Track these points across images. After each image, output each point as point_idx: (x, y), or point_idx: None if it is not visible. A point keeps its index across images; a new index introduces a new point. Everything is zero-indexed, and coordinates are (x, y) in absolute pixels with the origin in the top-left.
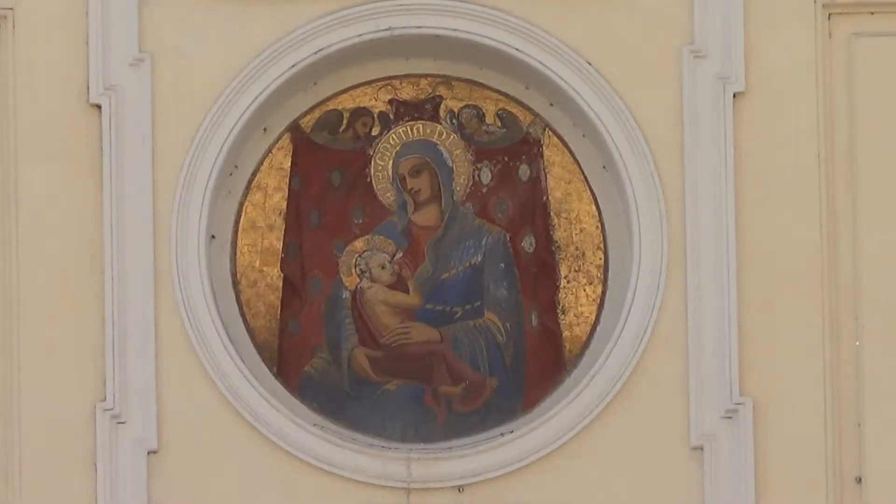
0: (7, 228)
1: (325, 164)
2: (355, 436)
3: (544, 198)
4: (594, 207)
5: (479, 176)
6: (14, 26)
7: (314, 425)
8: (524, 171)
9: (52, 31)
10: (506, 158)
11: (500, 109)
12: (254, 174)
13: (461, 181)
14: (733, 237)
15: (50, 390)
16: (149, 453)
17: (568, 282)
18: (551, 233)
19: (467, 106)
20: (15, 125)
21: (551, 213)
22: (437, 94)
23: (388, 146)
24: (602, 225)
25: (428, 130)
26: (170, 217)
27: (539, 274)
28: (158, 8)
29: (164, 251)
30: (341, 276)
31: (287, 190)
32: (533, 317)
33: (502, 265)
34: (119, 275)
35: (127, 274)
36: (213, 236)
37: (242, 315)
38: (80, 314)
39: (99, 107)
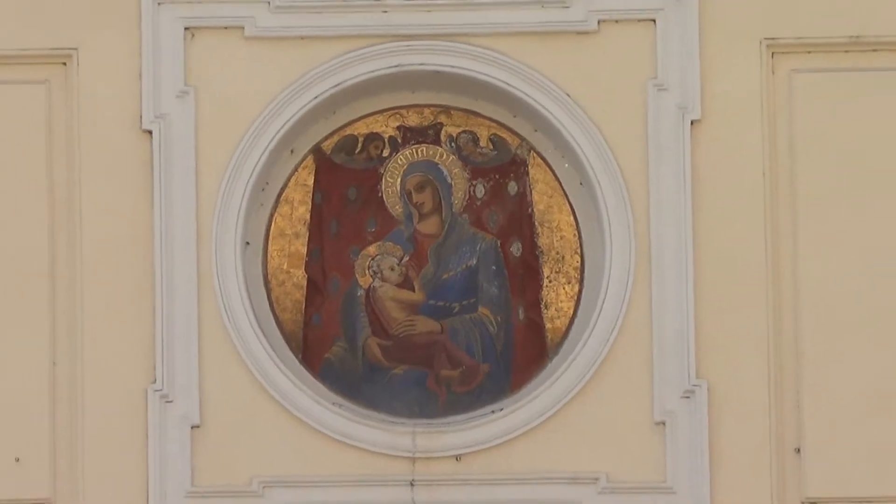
0: (73, 237)
1: (342, 181)
2: (368, 413)
3: (529, 210)
4: (572, 218)
5: (473, 191)
6: (78, 64)
7: (333, 404)
8: (512, 187)
9: (109, 67)
10: (497, 176)
11: (491, 134)
12: (282, 190)
13: (459, 195)
14: (691, 244)
15: (109, 375)
16: (192, 428)
17: (549, 281)
18: (535, 240)
19: (464, 131)
20: (79, 148)
21: (535, 223)
22: (439, 121)
23: (397, 166)
24: (579, 233)
25: (430, 152)
26: (210, 226)
27: (525, 275)
28: (200, 48)
29: (205, 255)
30: (356, 276)
31: (310, 203)
32: (520, 311)
33: (494, 267)
34: (167, 275)
35: (174, 275)
36: (247, 243)
37: (272, 310)
38: (135, 310)
39: (150, 133)
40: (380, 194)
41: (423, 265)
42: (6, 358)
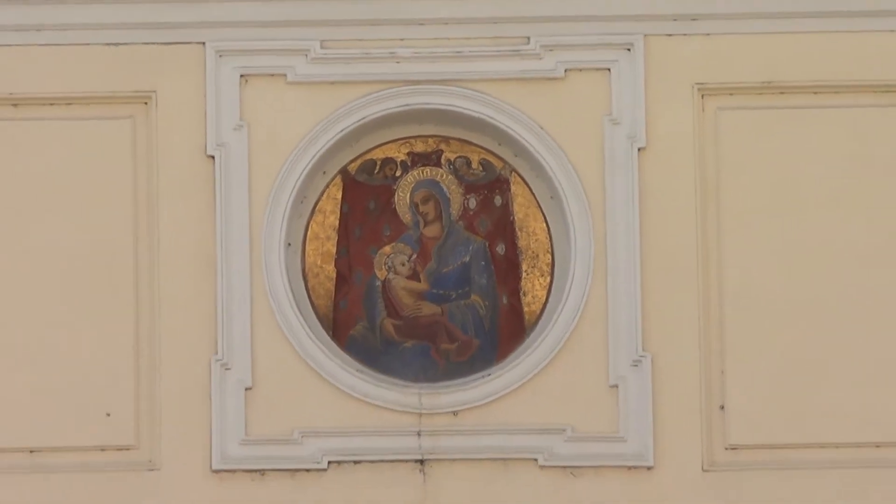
0: (153, 239)
1: (364, 196)
2: (384, 378)
3: (511, 218)
4: (544, 224)
5: (467, 203)
6: (157, 103)
7: (356, 370)
8: (498, 200)
9: (181, 106)
10: (485, 191)
11: (481, 159)
12: (316, 202)
13: (455, 207)
14: (638, 245)
15: (181, 348)
16: (245, 389)
17: (527, 274)
18: (516, 241)
19: (459, 156)
20: (157, 170)
21: (516, 229)
22: (440, 148)
23: (406, 183)
24: (550, 236)
25: (433, 173)
26: (260, 231)
27: (507, 269)
28: (252, 90)
29: (256, 254)
30: (375, 270)
31: (339, 213)
32: (504, 298)
33: (483, 263)
34: (226, 270)
35: (231, 269)
36: (289, 244)
37: (308, 297)
38: (202, 297)
39: (213, 157)
40: (393, 206)
41: (428, 261)
42: (103, 337)
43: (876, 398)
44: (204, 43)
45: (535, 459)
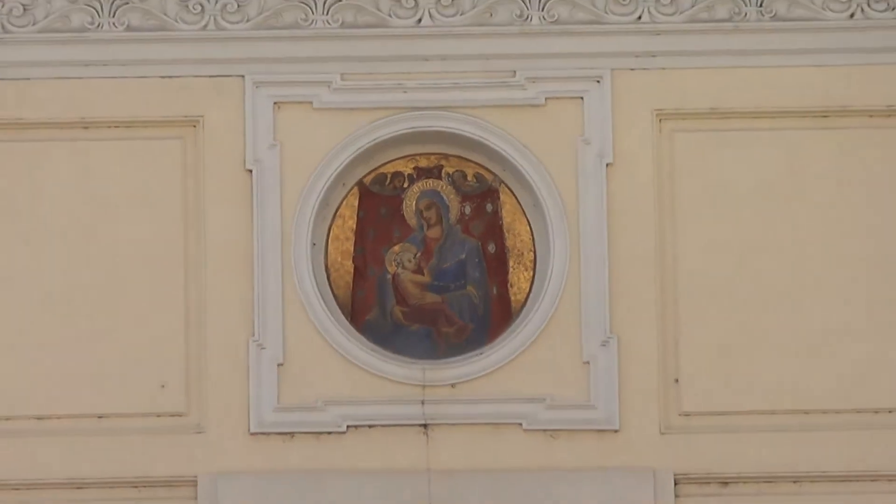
0: (200, 239)
1: (377, 204)
2: (394, 356)
3: (500, 222)
4: (528, 227)
5: (463, 210)
6: (203, 125)
7: (371, 349)
8: (489, 207)
9: (224, 128)
10: (479, 200)
11: (475, 172)
12: (337, 209)
13: (453, 213)
14: (606, 244)
15: (224, 331)
16: (278, 365)
17: (513, 269)
18: (504, 242)
19: (457, 170)
20: (204, 181)
21: (504, 231)
22: (440, 164)
23: (412, 193)
24: (532, 237)
25: (435, 184)
26: (290, 233)
27: (497, 265)
28: (284, 115)
29: (287, 252)
30: (386, 266)
31: (356, 218)
32: (494, 289)
33: (476, 260)
34: (261, 265)
35: (266, 265)
36: (314, 244)
37: (331, 288)
38: (241, 288)
39: (251, 171)
40: (401, 212)
41: (430, 259)
42: (159, 321)
43: (804, 372)
44: (243, 76)
45: (520, 424)
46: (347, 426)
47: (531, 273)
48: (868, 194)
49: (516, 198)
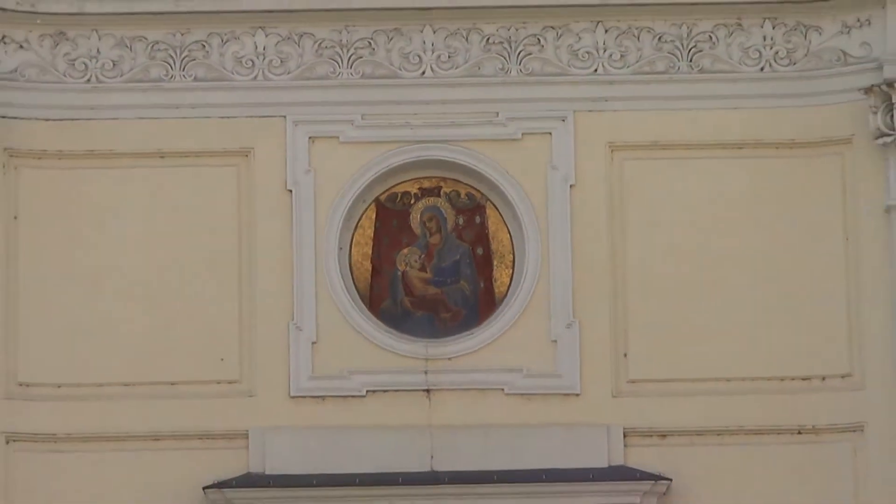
0: (252, 245)
1: (390, 216)
2: (404, 335)
3: (486, 231)
4: (508, 235)
5: (458, 221)
6: (254, 155)
7: (385, 331)
8: (478, 219)
9: (270, 156)
10: (470, 214)
11: (467, 192)
12: (359, 220)
13: (450, 223)
14: (570, 249)
15: (271, 316)
16: (312, 343)
17: (497, 268)
18: (490, 246)
19: (453, 190)
20: (254, 199)
21: (489, 238)
22: (440, 185)
23: (418, 208)
24: (512, 243)
25: (435, 201)
26: (322, 239)
27: (484, 264)
28: (317, 147)
29: (320, 254)
30: (397, 265)
31: (373, 228)
32: (482, 283)
33: (468, 261)
34: (299, 265)
35: (303, 264)
36: (340, 248)
37: (353, 282)
38: (283, 283)
39: (291, 191)
40: (409, 223)
41: (432, 259)
42: (220, 310)
43: (725, 349)
44: (285, 116)
45: (502, 389)
46: (367, 391)
47: (511, 271)
48: (774, 208)
49: (499, 212)
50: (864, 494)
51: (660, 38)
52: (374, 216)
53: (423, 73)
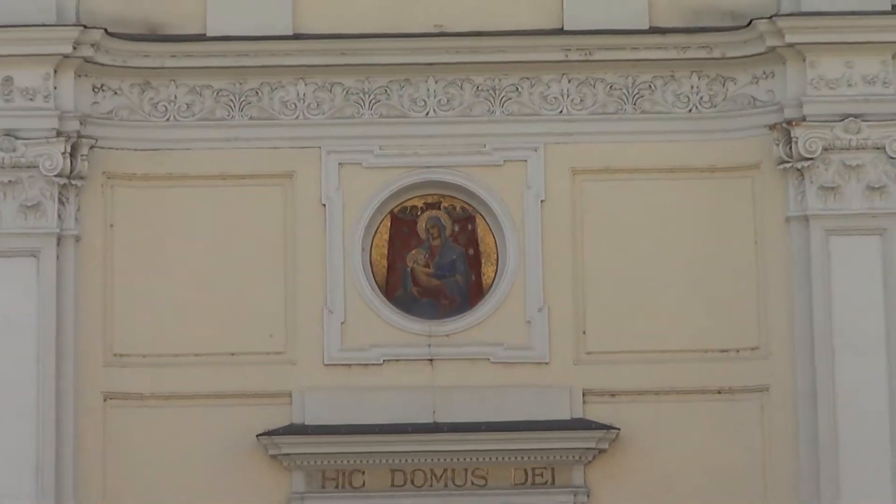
0: (295, 248)
1: (402, 225)
2: (412, 317)
3: (476, 236)
4: (493, 240)
5: (454, 229)
6: (296, 177)
7: (397, 313)
8: (470, 227)
9: (308, 178)
10: (464, 223)
11: (461, 206)
12: (377, 228)
13: (448, 230)
14: (541, 250)
15: (309, 303)
16: (341, 323)
17: (484, 265)
18: (479, 248)
19: (451, 204)
20: (296, 213)
21: (479, 242)
22: (440, 200)
23: (423, 218)
24: (496, 246)
25: (437, 213)
26: (349, 242)
27: (475, 262)
28: (344, 170)
29: (347, 254)
30: (407, 262)
31: (389, 233)
32: (473, 277)
33: (462, 259)
34: (331, 262)
35: (333, 261)
36: (363, 249)
37: (373, 276)
38: (318, 276)
39: (325, 205)
40: (416, 230)
41: (434, 258)
42: (270, 299)
43: (664, 328)
44: (320, 147)
45: (489, 359)
46: (383, 360)
47: (495, 267)
48: (700, 218)
49: (486, 221)
50: (767, 440)
51: (611, 87)
52: (388, 224)
53: (427, 113)
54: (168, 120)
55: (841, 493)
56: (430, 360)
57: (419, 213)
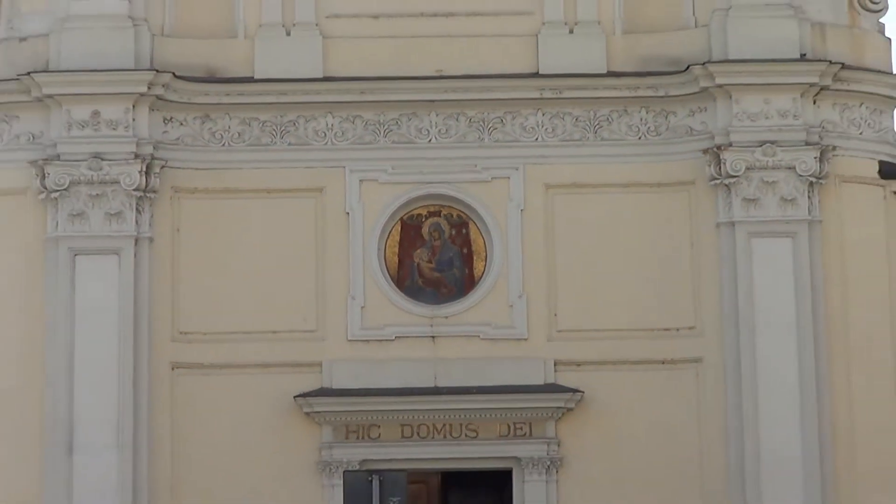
0: (325, 249)
1: (409, 229)
2: (418, 303)
3: (469, 238)
4: (483, 241)
5: (452, 232)
6: (326, 192)
7: (406, 299)
8: (464, 231)
9: (335, 192)
10: (459, 227)
11: (457, 213)
12: (390, 231)
13: (447, 233)
14: (520, 249)
15: (335, 293)
16: (361, 308)
17: (476, 261)
18: (472, 248)
19: (449, 213)
20: (325, 220)
21: (471, 242)
22: (440, 209)
23: (426, 223)
24: (485, 246)
25: (438, 219)
26: (367, 244)
27: (468, 259)
28: (365, 186)
29: (367, 253)
30: (414, 259)
31: (399, 236)
32: (466, 270)
33: (458, 257)
34: (353, 260)
35: (356, 259)
36: (378, 249)
37: (387, 268)
38: (343, 270)
39: (348, 214)
40: (421, 233)
41: (435, 255)
42: (303, 288)
43: (611, 310)
44: (345, 167)
45: (479, 336)
46: (395, 337)
47: (484, 263)
48: (648, 223)
49: (477, 226)
50: (701, 401)
51: (576, 119)
52: (399, 229)
53: (430, 140)
54: (223, 145)
55: (761, 441)
56: (432, 337)
57: (423, 220)
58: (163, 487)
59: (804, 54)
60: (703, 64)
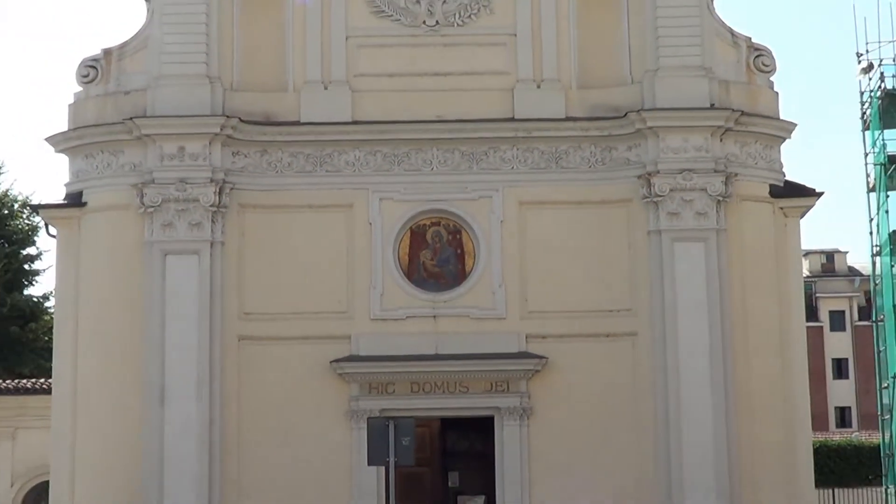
0: (353, 254)
1: (417, 236)
2: (424, 291)
3: (462, 242)
4: (472, 245)
5: (449, 238)
6: (353, 208)
7: (415, 288)
8: (459, 237)
9: (360, 208)
10: (454, 234)
11: (454, 224)
12: (402, 237)
13: (445, 239)
14: (499, 250)
15: (360, 284)
16: (380, 295)
17: (467, 259)
18: (464, 249)
19: (446, 223)
20: (354, 231)
21: (464, 245)
22: (440, 220)
23: (430, 231)
24: (474, 248)
25: (438, 228)
26: (386, 248)
27: (460, 258)
28: (384, 204)
29: (384, 254)
30: (420, 258)
31: (409, 241)
32: (459, 266)
33: (454, 256)
34: (374, 262)
35: (376, 261)
36: (394, 250)
37: (400, 265)
38: (367, 269)
39: (371, 224)
40: (426, 239)
41: (436, 255)
42: (335, 284)
43: (582, 297)
44: (368, 189)
45: (469, 315)
46: (406, 316)
47: (473, 261)
48: (594, 233)
49: (468, 233)
50: (636, 366)
51: (542, 153)
52: (409, 235)
53: (432, 169)
54: (277, 172)
55: (680, 392)
56: (434, 316)
57: (427, 228)
58: (231, 431)
59: (713, 104)
60: (638, 111)
